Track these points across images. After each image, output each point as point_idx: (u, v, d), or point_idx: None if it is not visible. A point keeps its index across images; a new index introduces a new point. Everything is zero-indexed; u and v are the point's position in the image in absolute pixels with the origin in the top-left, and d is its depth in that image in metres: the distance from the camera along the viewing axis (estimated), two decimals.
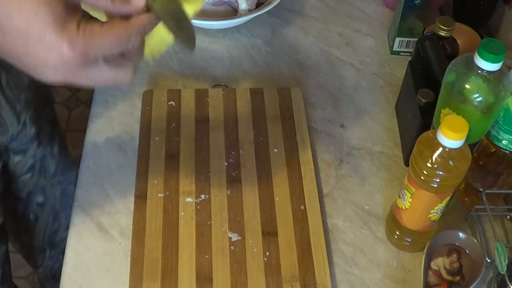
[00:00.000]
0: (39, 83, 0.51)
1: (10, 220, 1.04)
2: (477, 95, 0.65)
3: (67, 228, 0.77)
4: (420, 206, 0.69)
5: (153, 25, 0.51)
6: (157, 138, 0.85)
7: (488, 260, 0.73)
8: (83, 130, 0.88)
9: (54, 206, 1.07)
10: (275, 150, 0.84)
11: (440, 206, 0.69)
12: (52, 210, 1.07)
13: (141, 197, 0.78)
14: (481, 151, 0.74)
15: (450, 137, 0.61)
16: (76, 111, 2.00)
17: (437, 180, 0.65)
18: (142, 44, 0.52)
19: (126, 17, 0.49)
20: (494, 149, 0.73)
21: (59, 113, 1.43)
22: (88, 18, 0.49)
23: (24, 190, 1.00)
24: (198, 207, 0.77)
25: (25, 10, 0.45)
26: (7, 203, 0.99)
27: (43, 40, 0.46)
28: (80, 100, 2.03)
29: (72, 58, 0.47)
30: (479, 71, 0.64)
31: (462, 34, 0.89)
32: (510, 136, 0.70)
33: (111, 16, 0.50)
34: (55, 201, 1.07)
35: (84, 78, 0.50)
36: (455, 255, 0.73)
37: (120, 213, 0.78)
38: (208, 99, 0.90)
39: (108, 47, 0.48)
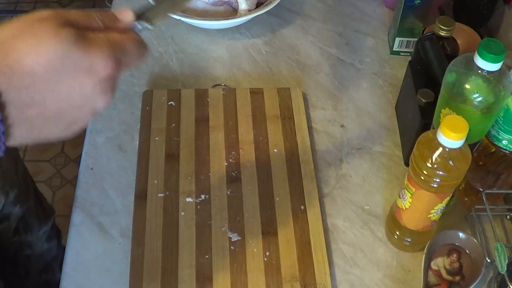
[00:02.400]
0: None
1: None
2: (477, 95, 0.65)
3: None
4: (420, 206, 0.69)
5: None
6: (157, 138, 0.85)
7: (488, 260, 0.73)
8: (83, 130, 0.88)
9: (42, 255, 1.07)
10: (275, 150, 0.84)
11: (440, 206, 0.69)
12: (41, 260, 1.07)
13: (141, 197, 0.78)
14: (481, 151, 0.74)
15: (450, 137, 0.61)
16: None
17: (437, 180, 0.65)
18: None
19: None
20: (494, 149, 0.73)
21: None
22: None
23: (11, 250, 1.00)
24: (198, 207, 0.77)
25: (44, 55, 0.41)
26: None
27: (78, 72, 0.42)
28: None
29: (111, 71, 0.44)
30: (479, 71, 0.64)
31: (462, 34, 0.89)
32: (510, 136, 0.70)
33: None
34: (41, 249, 1.06)
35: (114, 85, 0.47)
36: (455, 255, 0.73)
37: (120, 213, 0.78)
38: (208, 99, 0.90)
39: (133, 54, 0.47)
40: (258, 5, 1.03)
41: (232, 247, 0.74)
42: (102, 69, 0.43)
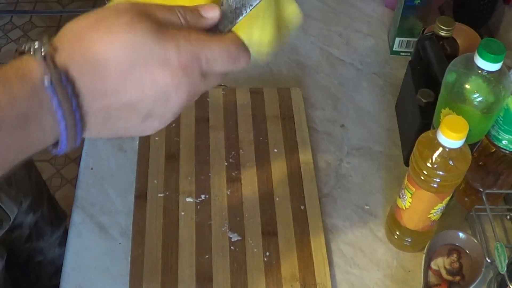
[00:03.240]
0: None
1: None
2: (477, 95, 0.65)
3: None
4: (420, 206, 0.69)
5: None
6: (157, 138, 0.85)
7: (488, 260, 0.73)
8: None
9: (53, 261, 1.05)
10: (275, 150, 0.84)
11: (440, 206, 0.69)
12: (52, 264, 1.06)
13: (141, 197, 0.78)
14: (481, 151, 0.74)
15: (450, 137, 0.61)
16: None
17: (437, 180, 0.65)
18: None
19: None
20: (494, 149, 0.73)
21: None
22: None
23: (22, 256, 0.98)
24: (198, 207, 0.77)
25: (119, 47, 0.40)
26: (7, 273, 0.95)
27: (150, 63, 0.41)
28: None
29: (185, 63, 0.41)
30: (479, 71, 0.64)
31: (462, 34, 0.89)
32: (510, 136, 0.70)
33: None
34: (53, 256, 1.05)
35: (204, 88, 0.44)
36: (455, 255, 0.73)
37: (120, 213, 0.78)
38: (208, 99, 0.90)
39: (219, 55, 0.44)
40: None
41: (232, 247, 0.74)
42: (175, 60, 0.41)
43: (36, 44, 0.39)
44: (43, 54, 0.39)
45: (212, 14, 0.45)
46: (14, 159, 0.39)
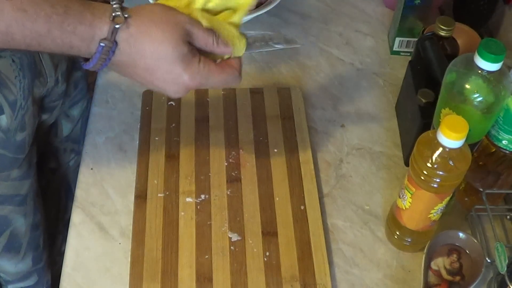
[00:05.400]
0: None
1: None
2: (477, 95, 0.65)
3: None
4: (420, 206, 0.69)
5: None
6: (157, 138, 0.85)
7: (488, 260, 0.73)
8: None
9: (66, 176, 1.03)
10: (275, 150, 0.84)
11: (440, 206, 0.69)
12: (63, 180, 1.03)
13: (141, 197, 0.78)
14: (481, 151, 0.74)
15: (450, 137, 0.61)
16: None
17: (437, 180, 0.65)
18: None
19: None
20: (494, 149, 0.73)
21: None
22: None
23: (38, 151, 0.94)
24: (198, 207, 0.77)
25: (157, 53, 0.58)
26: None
27: (168, 74, 0.60)
28: None
29: (190, 87, 0.62)
30: (479, 71, 0.64)
31: (462, 34, 0.89)
32: (510, 136, 0.70)
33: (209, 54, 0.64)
34: (67, 170, 1.03)
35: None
36: (455, 255, 0.73)
37: (120, 213, 0.78)
38: (208, 99, 0.90)
39: (217, 83, 0.63)
40: (258, 5, 1.03)
41: (232, 247, 0.74)
42: (185, 82, 0.61)
43: (118, 10, 0.57)
44: (115, 23, 0.57)
45: (226, 51, 0.65)
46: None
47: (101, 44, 0.56)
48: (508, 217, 0.80)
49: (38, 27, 0.54)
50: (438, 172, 0.64)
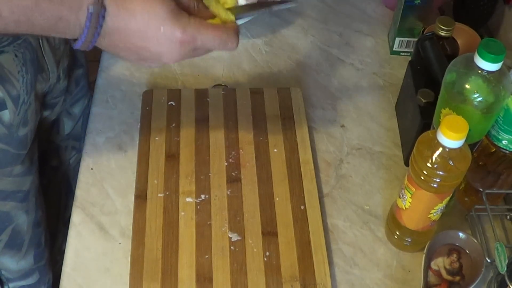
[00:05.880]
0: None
1: None
2: (477, 95, 0.65)
3: None
4: (420, 206, 0.69)
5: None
6: (157, 138, 0.85)
7: (488, 260, 0.73)
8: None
9: (67, 174, 1.03)
10: (275, 150, 0.84)
11: (440, 206, 0.69)
12: (64, 178, 1.03)
13: (141, 197, 0.78)
14: (481, 151, 0.74)
15: (450, 137, 0.61)
16: None
17: (437, 180, 0.65)
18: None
19: None
20: (494, 149, 0.73)
21: None
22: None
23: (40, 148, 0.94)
24: (198, 207, 0.77)
25: (146, 10, 0.57)
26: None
27: (160, 32, 0.58)
28: None
29: (184, 41, 0.59)
30: (479, 71, 0.64)
31: (462, 34, 0.89)
32: (510, 136, 0.70)
33: None
34: (68, 168, 1.03)
35: (193, 56, 0.62)
36: (455, 255, 0.73)
37: (120, 213, 0.78)
38: (208, 99, 0.90)
39: (212, 39, 0.60)
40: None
41: (232, 247, 0.74)
42: (178, 36, 0.58)
43: None
44: None
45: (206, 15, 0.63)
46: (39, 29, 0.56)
47: (90, 9, 0.55)
48: (508, 217, 0.80)
49: (25, 0, 0.54)
50: (438, 172, 0.64)
